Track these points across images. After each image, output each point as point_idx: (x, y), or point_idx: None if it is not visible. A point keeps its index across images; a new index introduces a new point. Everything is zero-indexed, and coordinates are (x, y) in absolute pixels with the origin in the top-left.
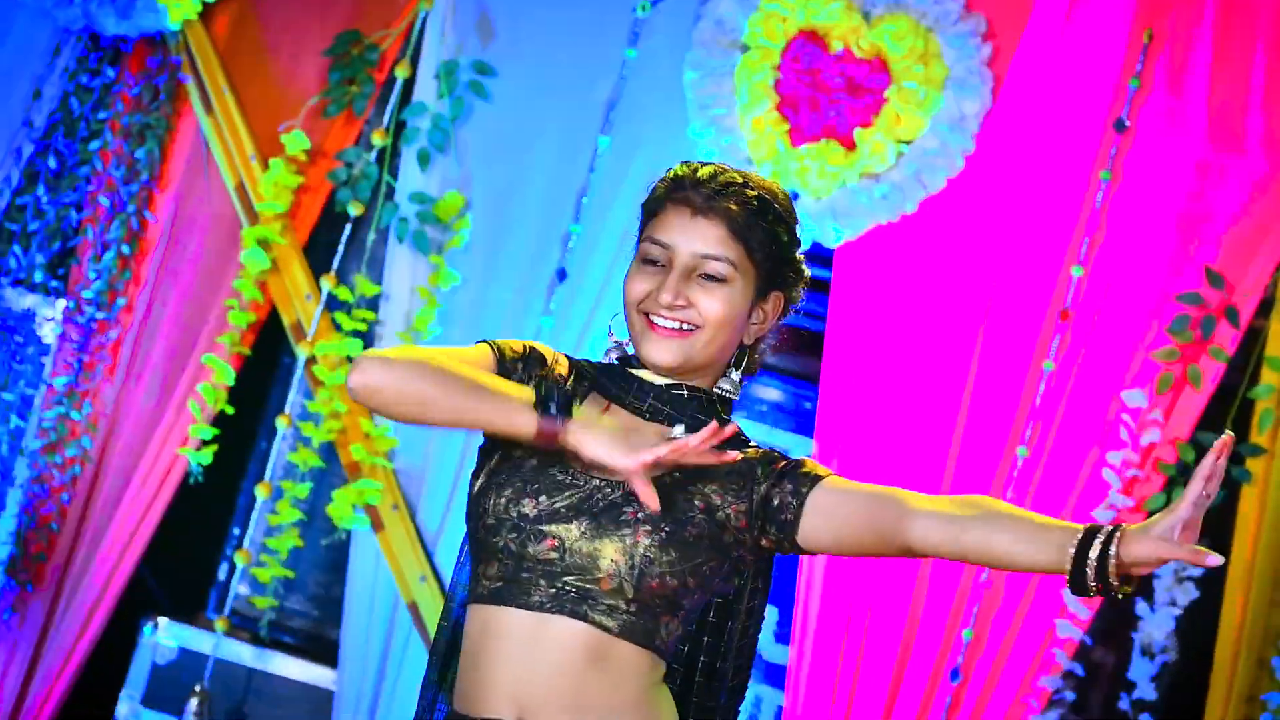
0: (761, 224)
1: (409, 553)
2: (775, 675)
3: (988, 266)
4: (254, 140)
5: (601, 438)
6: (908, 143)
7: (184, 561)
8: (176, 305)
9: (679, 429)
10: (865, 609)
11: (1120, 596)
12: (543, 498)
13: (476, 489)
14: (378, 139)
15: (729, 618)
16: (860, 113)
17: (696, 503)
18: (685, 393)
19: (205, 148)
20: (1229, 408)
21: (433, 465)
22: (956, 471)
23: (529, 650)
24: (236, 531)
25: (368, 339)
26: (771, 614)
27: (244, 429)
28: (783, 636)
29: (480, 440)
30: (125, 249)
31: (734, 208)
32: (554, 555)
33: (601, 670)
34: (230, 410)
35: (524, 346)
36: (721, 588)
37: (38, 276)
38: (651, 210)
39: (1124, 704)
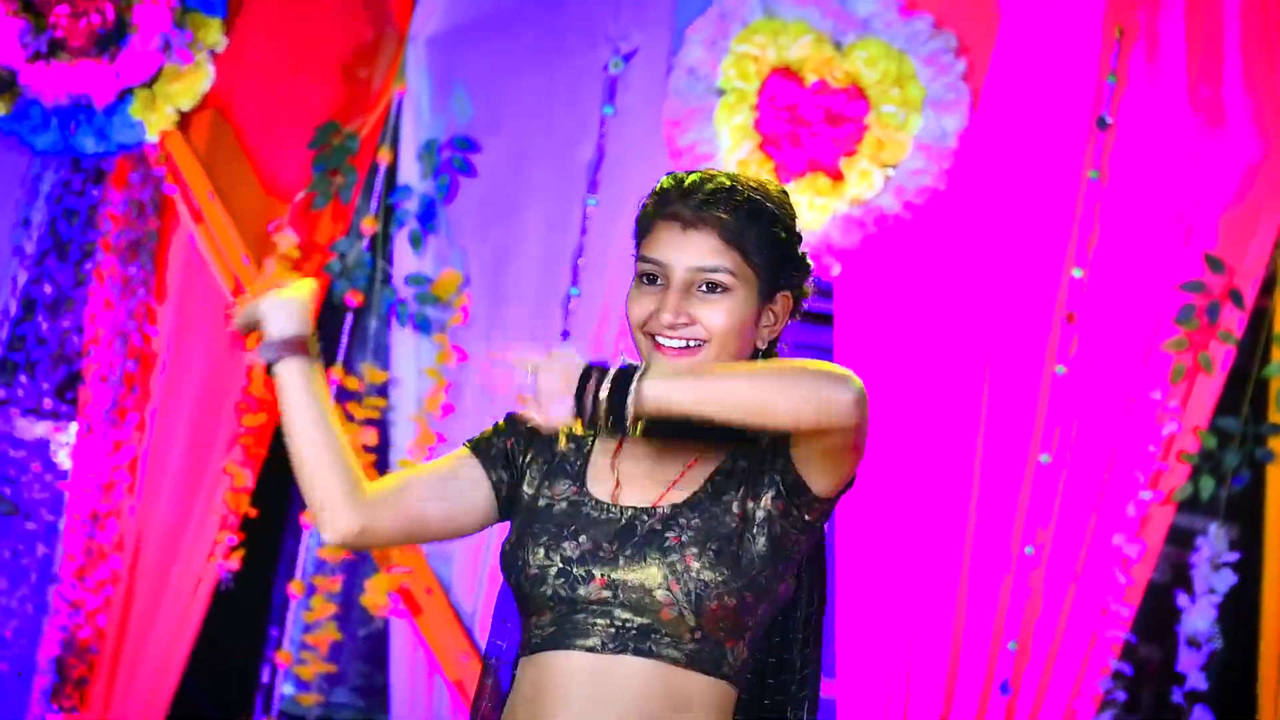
0: (755, 227)
1: (448, 632)
2: (825, 710)
3: (988, 279)
4: (246, 243)
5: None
6: (893, 166)
7: (226, 668)
8: (188, 415)
9: None
10: (907, 633)
11: None
12: (582, 537)
13: (509, 543)
14: (368, 226)
15: (792, 609)
16: (843, 142)
17: (734, 509)
18: None
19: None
20: (1244, 390)
21: (461, 543)
22: (981, 486)
23: (595, 693)
24: (274, 632)
25: (381, 426)
26: None
27: (269, 529)
28: (828, 670)
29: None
30: (130, 366)
31: (724, 215)
32: (606, 594)
33: (673, 708)
34: (254, 513)
35: (495, 425)
36: (784, 594)
37: (47, 403)
38: (644, 228)
39: (1177, 697)
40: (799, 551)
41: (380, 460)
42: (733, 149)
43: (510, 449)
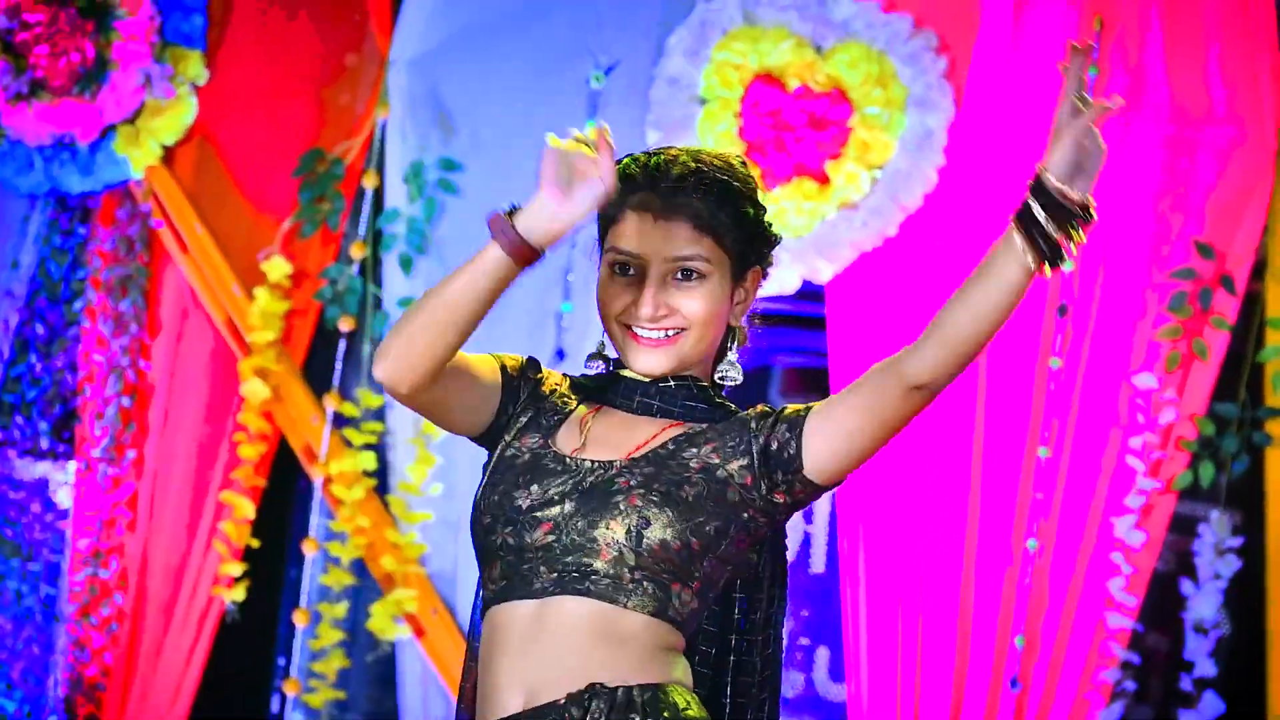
0: (726, 209)
1: (455, 654)
2: (837, 714)
3: None
4: (235, 273)
5: (542, 197)
6: (879, 167)
7: (235, 700)
8: (186, 448)
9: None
10: (914, 633)
11: (1083, 220)
12: (534, 487)
13: (475, 495)
14: (357, 251)
15: (750, 610)
16: (828, 145)
17: (693, 464)
18: (672, 383)
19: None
20: (1240, 375)
21: (464, 564)
22: (981, 483)
23: (533, 635)
24: (282, 661)
25: (380, 451)
26: (823, 653)
27: (272, 559)
28: (837, 674)
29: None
30: (126, 401)
31: (696, 202)
32: (550, 539)
33: (612, 645)
34: (255, 543)
35: (523, 357)
36: (735, 554)
37: (44, 443)
38: (610, 216)
39: (1186, 684)
40: (755, 528)
41: (380, 484)
42: None
43: (517, 391)
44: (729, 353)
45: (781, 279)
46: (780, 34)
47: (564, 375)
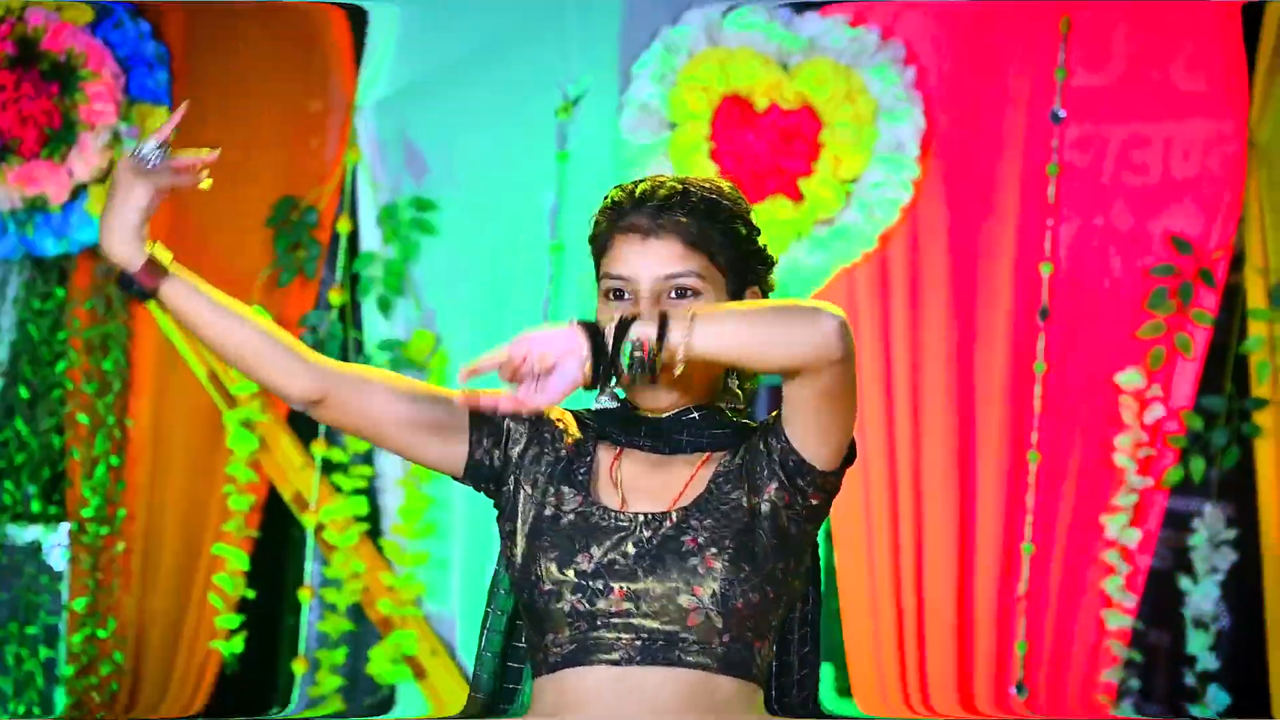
0: (716, 226)
1: (457, 694)
2: None
3: (957, 284)
4: None
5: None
6: (853, 181)
7: None
8: (176, 504)
9: None
10: (917, 644)
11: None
12: (594, 549)
13: (520, 558)
14: (335, 297)
15: (788, 611)
16: (800, 162)
17: (744, 504)
18: (695, 415)
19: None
20: (1224, 368)
21: (462, 603)
22: (976, 490)
23: (621, 707)
24: (282, 711)
25: (370, 495)
26: (829, 670)
27: (268, 608)
28: (844, 690)
29: (494, 512)
30: (114, 460)
31: (684, 219)
32: (627, 605)
33: (704, 716)
34: (251, 594)
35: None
36: (799, 590)
37: (35, 507)
38: (602, 245)
39: (1190, 680)
40: (808, 541)
41: (373, 528)
42: None
43: (507, 429)
44: (731, 380)
45: None
46: (746, 54)
47: (564, 410)
